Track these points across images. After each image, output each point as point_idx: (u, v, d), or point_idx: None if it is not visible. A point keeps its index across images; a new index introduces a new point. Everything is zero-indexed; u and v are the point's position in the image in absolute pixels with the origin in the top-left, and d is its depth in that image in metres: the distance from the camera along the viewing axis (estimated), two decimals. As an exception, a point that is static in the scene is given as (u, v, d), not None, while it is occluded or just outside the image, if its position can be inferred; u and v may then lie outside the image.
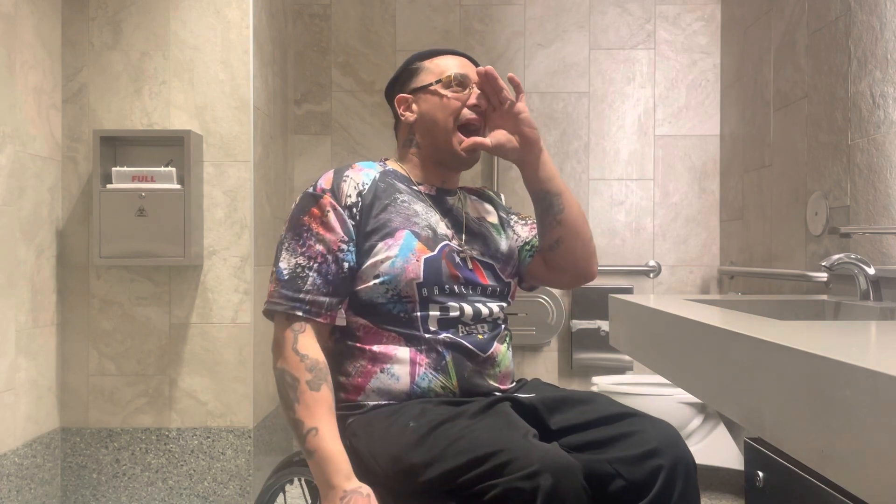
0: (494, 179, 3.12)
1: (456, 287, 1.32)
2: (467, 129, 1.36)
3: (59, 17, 2.46)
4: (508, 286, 1.43)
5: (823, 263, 1.59)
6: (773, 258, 2.64)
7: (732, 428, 2.64)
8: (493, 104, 1.36)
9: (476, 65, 1.43)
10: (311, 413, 1.20)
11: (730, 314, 1.27)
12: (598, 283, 3.15)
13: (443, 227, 1.36)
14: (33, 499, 2.27)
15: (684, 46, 3.17)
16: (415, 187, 1.40)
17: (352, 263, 1.29)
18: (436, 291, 1.30)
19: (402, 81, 1.44)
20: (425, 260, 1.29)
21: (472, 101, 1.35)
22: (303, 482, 1.48)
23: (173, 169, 2.36)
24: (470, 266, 1.36)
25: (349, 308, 1.32)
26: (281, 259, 1.29)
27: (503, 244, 1.46)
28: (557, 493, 1.00)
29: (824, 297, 1.87)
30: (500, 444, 1.06)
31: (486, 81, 1.34)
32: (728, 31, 3.09)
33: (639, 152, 3.18)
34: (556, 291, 3.12)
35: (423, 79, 1.40)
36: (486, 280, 1.37)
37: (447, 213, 1.41)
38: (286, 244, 1.30)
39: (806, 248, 2.38)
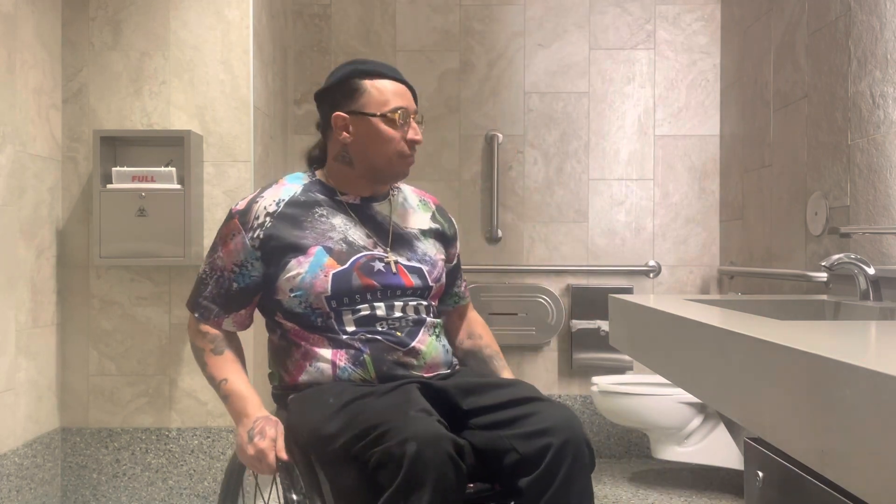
0: (494, 179, 3.13)
1: (369, 295, 1.43)
2: (404, 159, 1.48)
3: (59, 17, 2.46)
4: (432, 288, 1.52)
5: (823, 263, 1.59)
6: (772, 258, 2.64)
7: (732, 428, 2.64)
8: None
9: (409, 87, 1.50)
10: (220, 369, 1.45)
11: (730, 314, 1.27)
12: (598, 283, 3.15)
13: (361, 238, 1.47)
14: (33, 499, 2.27)
15: (684, 46, 3.17)
16: (338, 198, 1.50)
17: (241, 285, 1.45)
18: (345, 301, 1.42)
19: (340, 97, 1.47)
20: (333, 275, 1.41)
21: (411, 135, 1.46)
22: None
23: (173, 169, 2.36)
24: (395, 270, 1.47)
25: (280, 313, 1.46)
26: (204, 261, 1.50)
27: (430, 249, 1.56)
28: (422, 459, 1.13)
29: (824, 297, 1.87)
30: (386, 418, 1.21)
31: None
32: (728, 31, 3.09)
33: (639, 152, 3.18)
34: (555, 291, 3.12)
35: (365, 104, 1.45)
36: (412, 282, 1.48)
37: (370, 221, 1.50)
38: (210, 252, 1.49)
39: (806, 248, 2.38)
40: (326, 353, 1.42)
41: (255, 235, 1.43)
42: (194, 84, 2.46)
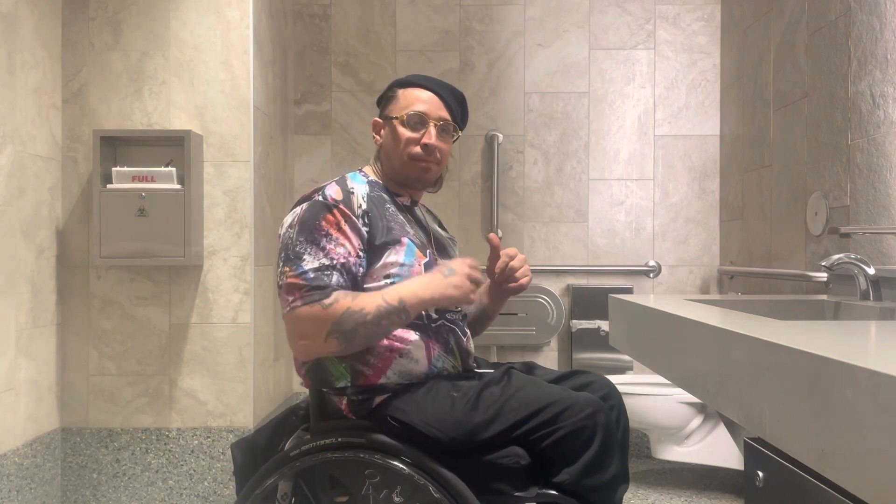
0: (494, 179, 3.13)
1: None
2: (416, 162, 1.50)
3: (59, 17, 2.46)
4: None
5: (823, 263, 1.59)
6: (772, 258, 2.64)
7: (732, 428, 2.64)
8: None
9: (445, 98, 1.53)
10: (370, 298, 1.35)
11: (730, 314, 1.27)
12: (598, 283, 3.15)
13: (422, 236, 1.54)
14: (33, 499, 2.27)
15: (684, 46, 3.17)
16: (397, 199, 1.55)
17: (363, 272, 1.42)
18: None
19: (382, 104, 1.58)
20: (424, 264, 1.46)
21: (425, 140, 1.49)
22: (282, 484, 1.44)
23: (173, 169, 2.36)
24: None
25: None
26: (303, 262, 1.36)
27: (457, 254, 1.66)
28: (609, 425, 1.33)
29: (824, 297, 1.87)
30: (552, 397, 1.34)
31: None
32: (728, 31, 3.09)
33: (639, 152, 3.18)
34: (556, 291, 3.12)
35: (392, 109, 1.53)
36: None
37: (418, 223, 1.56)
38: (307, 248, 1.38)
39: (806, 248, 2.38)
40: (417, 339, 1.43)
41: (365, 222, 1.42)
42: (194, 84, 2.46)
